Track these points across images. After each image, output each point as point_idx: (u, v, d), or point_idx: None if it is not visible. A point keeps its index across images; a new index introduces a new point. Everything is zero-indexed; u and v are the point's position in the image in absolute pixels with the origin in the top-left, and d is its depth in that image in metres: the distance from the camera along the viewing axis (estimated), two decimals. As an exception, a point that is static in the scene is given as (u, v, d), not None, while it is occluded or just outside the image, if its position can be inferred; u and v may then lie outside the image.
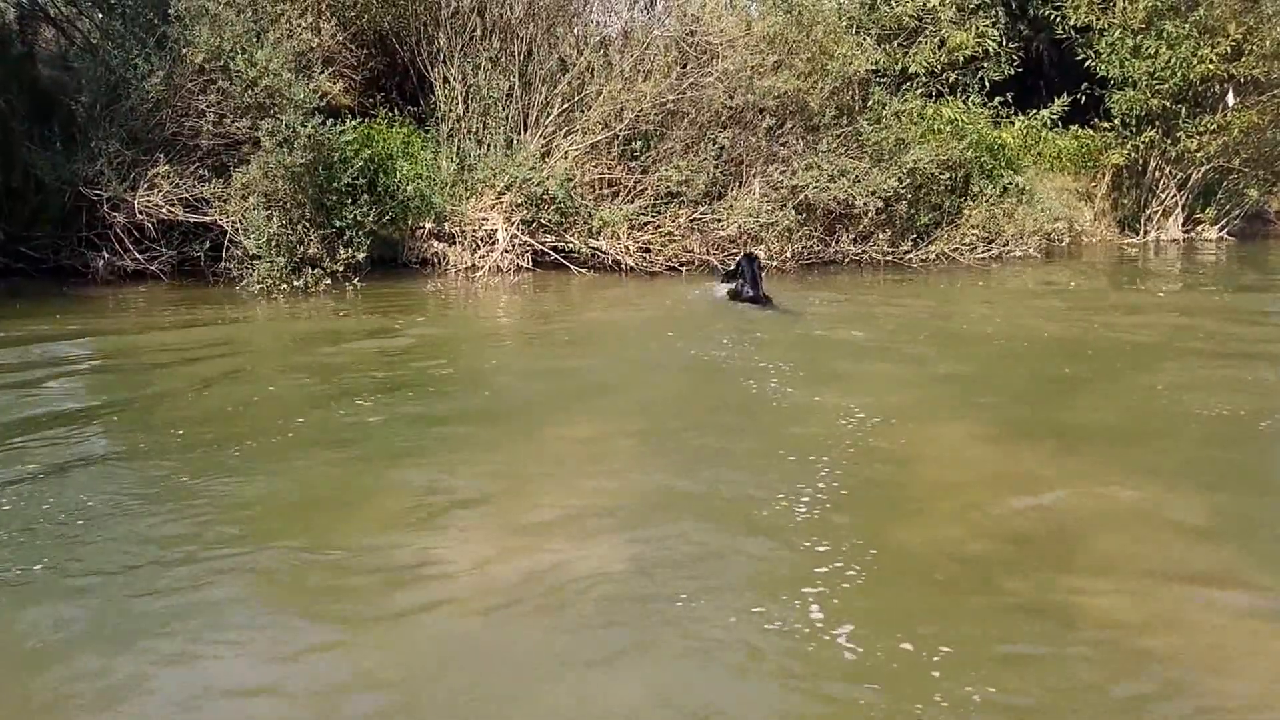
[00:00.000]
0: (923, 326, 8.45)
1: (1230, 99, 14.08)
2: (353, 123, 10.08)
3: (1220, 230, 14.54)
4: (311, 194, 9.57)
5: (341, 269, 9.65)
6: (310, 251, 9.57)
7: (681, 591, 3.32)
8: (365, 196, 9.89)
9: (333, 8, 11.16)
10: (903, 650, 2.95)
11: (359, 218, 9.77)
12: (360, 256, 9.75)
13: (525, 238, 11.03)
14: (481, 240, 10.99)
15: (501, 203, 10.96)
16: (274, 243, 9.34)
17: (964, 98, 13.70)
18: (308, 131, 9.32)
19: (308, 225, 9.58)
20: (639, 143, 11.58)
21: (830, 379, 6.42)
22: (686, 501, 4.18)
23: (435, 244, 10.88)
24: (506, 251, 10.98)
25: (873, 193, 11.72)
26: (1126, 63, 13.63)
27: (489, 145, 11.29)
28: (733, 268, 9.50)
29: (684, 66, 11.79)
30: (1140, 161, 14.19)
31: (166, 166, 9.50)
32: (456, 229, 10.90)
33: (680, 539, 3.77)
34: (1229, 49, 13.45)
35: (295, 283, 9.36)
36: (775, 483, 4.32)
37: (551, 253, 11.11)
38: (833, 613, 3.16)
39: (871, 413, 5.45)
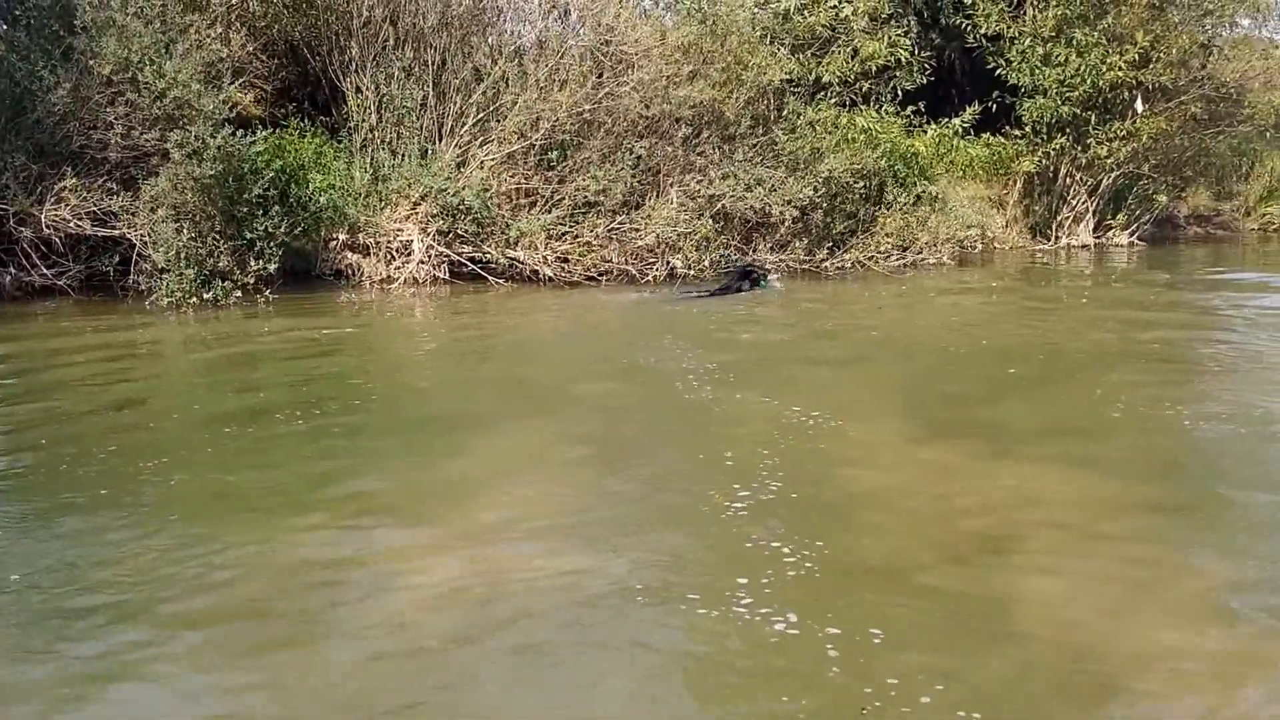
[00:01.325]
0: (848, 332, 9.03)
1: (1139, 106, 14.87)
2: (263, 133, 10.36)
3: (1131, 235, 15.34)
4: (221, 206, 9.85)
5: (252, 281, 9.96)
6: (220, 264, 9.84)
7: (633, 594, 3.58)
8: (277, 208, 10.18)
9: (243, 18, 11.43)
10: (848, 642, 3.25)
11: (270, 229, 10.06)
12: (272, 268, 10.04)
13: (441, 248, 11.38)
14: (397, 251, 11.32)
15: (417, 213, 11.31)
16: (183, 256, 9.61)
17: (877, 107, 14.34)
18: (217, 143, 9.61)
19: (218, 237, 9.85)
20: (555, 152, 11.99)
21: (762, 382, 6.91)
22: (630, 507, 4.47)
23: (349, 255, 11.19)
24: (423, 262, 11.32)
25: (789, 201, 12.25)
26: (1037, 71, 14.35)
27: (403, 155, 11.64)
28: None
29: (599, 76, 12.25)
30: (1051, 168, 14.94)
31: (74, 180, 9.70)
32: (371, 240, 11.22)
33: (627, 544, 4.03)
34: (1137, 56, 14.20)
35: (205, 295, 9.63)
36: (718, 485, 4.67)
37: (468, 263, 11.47)
38: (779, 608, 3.46)
39: (807, 415, 5.89)
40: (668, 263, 11.84)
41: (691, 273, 11.77)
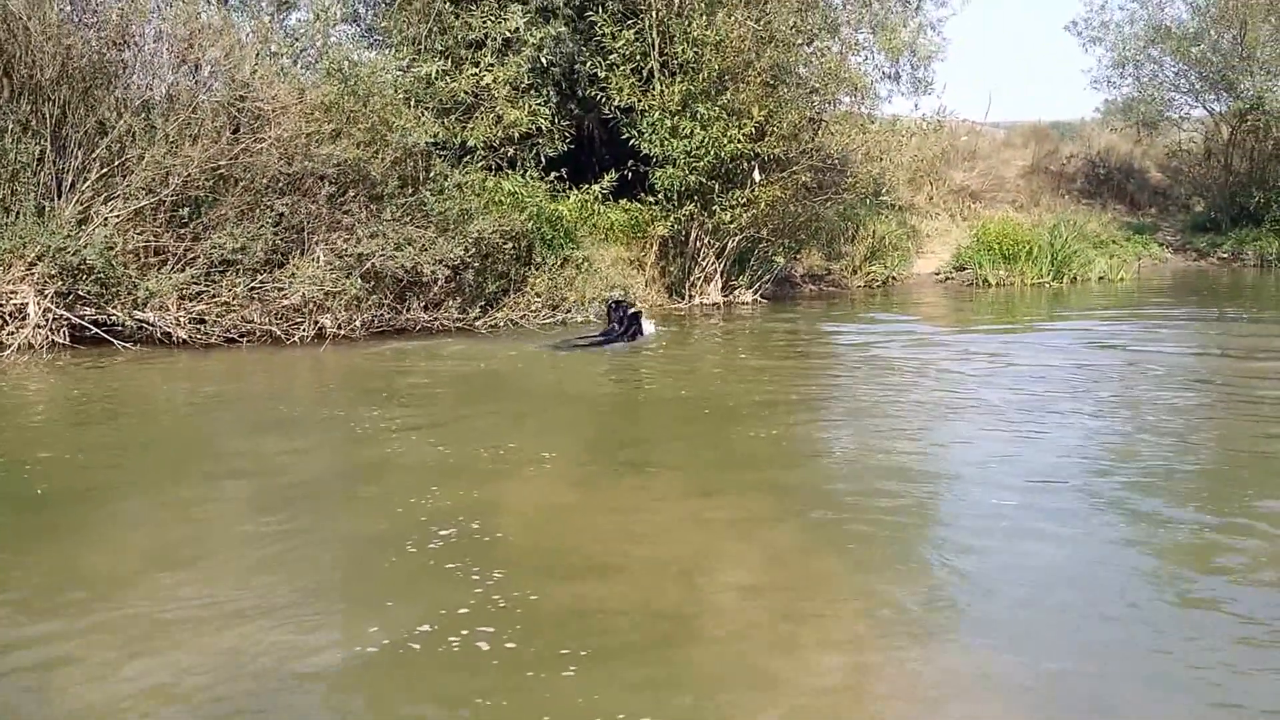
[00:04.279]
0: (514, 384, 9.49)
1: (756, 175, 16.49)
2: None
3: (754, 293, 16.92)
4: None
5: None
6: None
7: (346, 651, 3.81)
8: None
9: None
10: (548, 663, 3.72)
11: None
12: None
13: (61, 311, 10.75)
14: (10, 316, 10.59)
15: (32, 274, 10.66)
16: None
17: (522, 171, 15.05)
18: None
19: None
20: (187, 209, 11.66)
21: (443, 432, 7.34)
22: (322, 568, 4.66)
23: (-47, 322, 10.33)
24: (39, 327, 10.67)
25: (440, 261, 12.53)
26: (666, 142, 15.65)
27: (17, 213, 11.01)
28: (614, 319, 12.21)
29: (235, 131, 12.07)
30: (683, 232, 16.30)
31: None
32: (-21, 304, 10.43)
33: (328, 605, 4.23)
34: (754, 130, 15.74)
35: None
36: (409, 533, 5.00)
37: (92, 326, 10.89)
38: (481, 639, 3.89)
39: (491, 460, 6.41)
40: (316, 322, 11.79)
41: (342, 331, 11.76)
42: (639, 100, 15.85)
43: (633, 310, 12.52)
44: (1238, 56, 24.42)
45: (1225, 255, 23.69)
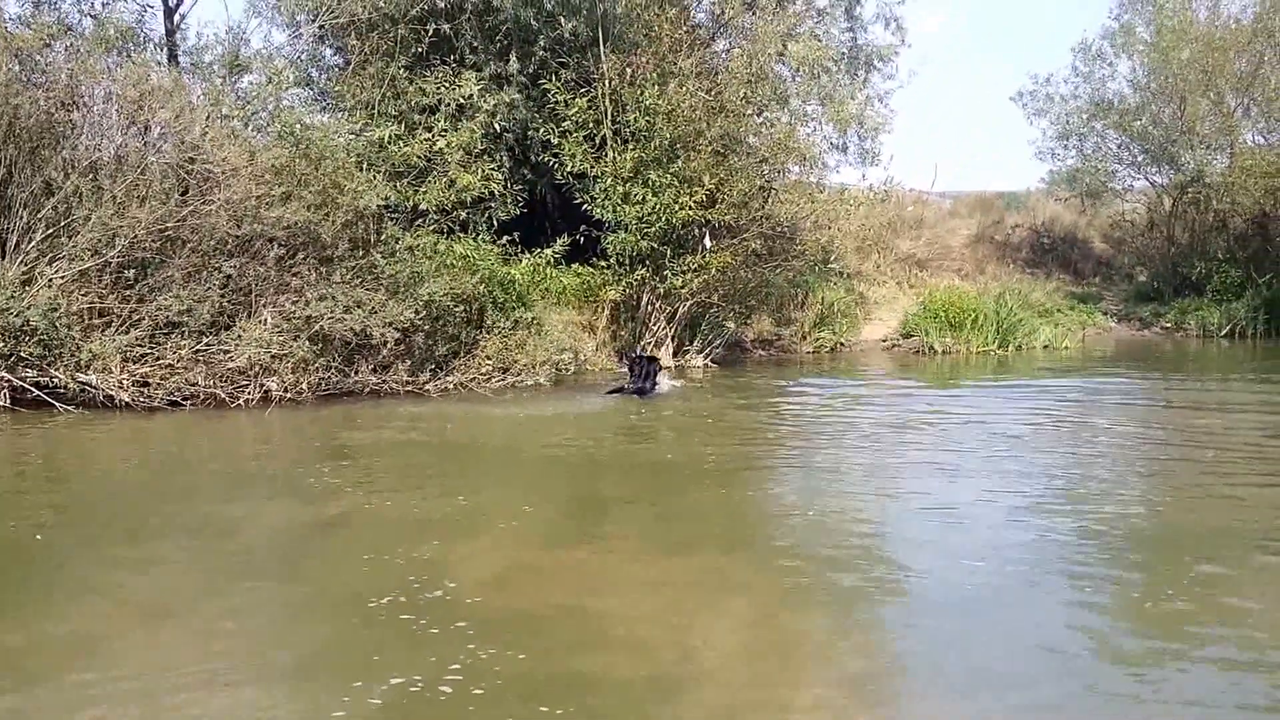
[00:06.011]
0: (469, 447, 9.73)
1: (708, 242, 16.83)
2: None
3: (705, 358, 17.15)
4: None
5: None
6: None
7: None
8: None
9: None
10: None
11: None
12: None
13: (1, 373, 10.67)
14: (-52, 377, 10.50)
15: (-27, 335, 10.58)
16: None
17: (474, 235, 15.24)
18: None
19: None
20: (134, 270, 11.68)
21: (406, 492, 7.48)
22: (302, 630, 4.70)
23: (-110, 382, 10.23)
24: (-22, 389, 10.58)
25: (389, 324, 12.60)
26: (618, 208, 15.97)
27: (-40, 273, 10.90)
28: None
29: (184, 193, 12.14)
30: (634, 297, 16.57)
31: None
32: (-82, 366, 10.35)
33: (267, 673, 4.25)
34: (704, 197, 16.09)
35: None
36: (379, 601, 5.07)
37: (33, 389, 10.82)
38: (449, 684, 3.98)
39: (453, 518, 6.52)
40: (262, 385, 11.79)
41: (289, 394, 11.76)
42: (591, 166, 16.20)
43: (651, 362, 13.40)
44: (1178, 130, 25.33)
45: (1168, 325, 24.32)
